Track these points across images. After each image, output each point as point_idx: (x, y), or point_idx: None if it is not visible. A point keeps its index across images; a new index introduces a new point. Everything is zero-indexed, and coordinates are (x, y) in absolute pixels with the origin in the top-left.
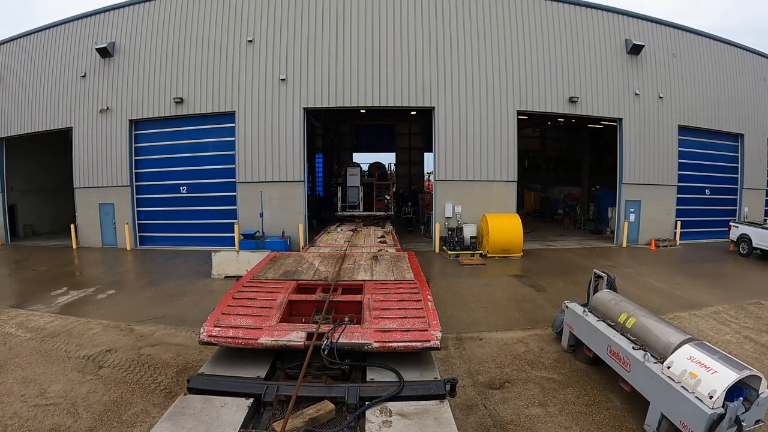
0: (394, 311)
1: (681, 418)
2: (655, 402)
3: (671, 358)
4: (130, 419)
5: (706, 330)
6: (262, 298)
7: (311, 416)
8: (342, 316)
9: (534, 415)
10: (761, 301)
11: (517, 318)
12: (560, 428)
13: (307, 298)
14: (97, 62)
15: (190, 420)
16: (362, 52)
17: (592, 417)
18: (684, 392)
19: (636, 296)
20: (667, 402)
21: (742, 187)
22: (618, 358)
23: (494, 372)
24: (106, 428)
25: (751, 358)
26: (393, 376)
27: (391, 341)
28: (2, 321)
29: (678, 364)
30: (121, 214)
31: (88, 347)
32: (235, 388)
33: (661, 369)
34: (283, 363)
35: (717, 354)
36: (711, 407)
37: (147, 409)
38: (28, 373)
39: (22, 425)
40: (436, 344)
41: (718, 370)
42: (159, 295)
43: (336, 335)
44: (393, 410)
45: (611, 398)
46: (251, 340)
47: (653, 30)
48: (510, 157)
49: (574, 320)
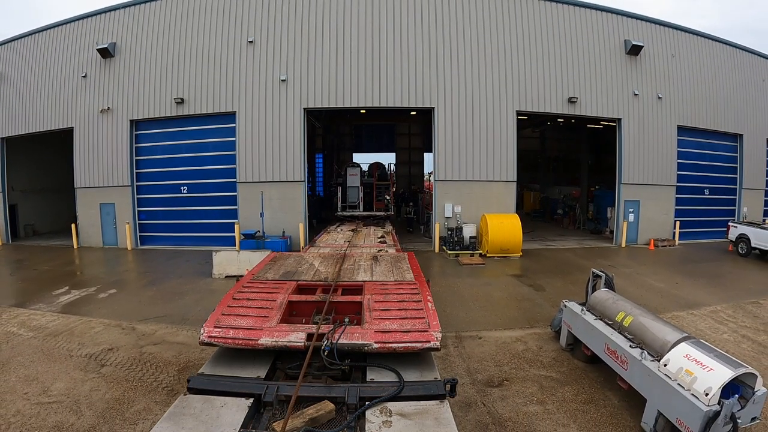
0: (394, 312)
1: (677, 415)
2: (652, 399)
3: (668, 356)
4: (133, 417)
5: (704, 329)
6: (262, 298)
7: (311, 416)
8: (342, 317)
9: (532, 413)
10: (759, 301)
11: (516, 317)
12: (558, 425)
13: (307, 298)
14: (98, 62)
15: (190, 420)
16: (362, 52)
17: (589, 415)
18: (680, 390)
19: (635, 296)
20: (664, 399)
21: (741, 187)
22: (615, 356)
23: (493, 370)
24: (109, 426)
25: (749, 357)
26: (393, 376)
27: (391, 342)
28: (4, 320)
29: (674, 361)
30: (122, 214)
31: (90, 346)
32: (235, 388)
33: (658, 367)
34: (283, 363)
35: (713, 352)
36: (707, 404)
37: (149, 406)
38: (30, 372)
39: (25, 423)
40: (437, 345)
41: (714, 368)
42: (160, 294)
43: (336, 336)
44: (393, 410)
45: (609, 396)
46: (251, 340)
47: (652, 30)
48: (509, 158)
49: (573, 319)
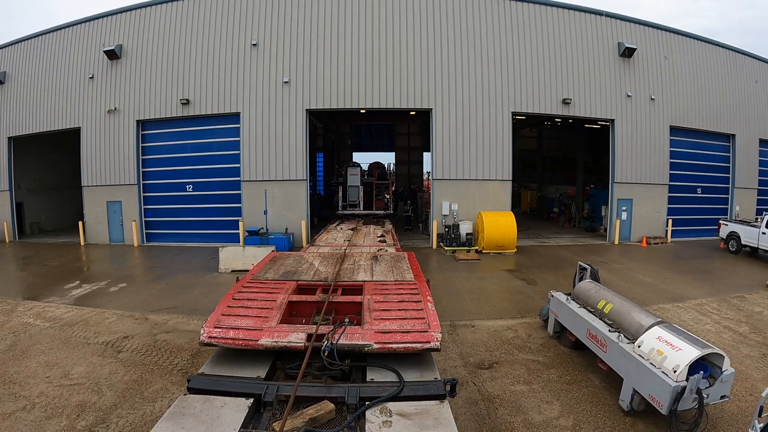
0: (394, 312)
1: (650, 391)
2: (628, 378)
3: (641, 338)
4: (151, 395)
5: (688, 320)
6: (263, 299)
7: (311, 416)
8: (342, 317)
9: (519, 391)
10: (744, 295)
11: (508, 308)
12: (542, 403)
13: (307, 299)
14: (105, 64)
15: (190, 420)
16: (362, 56)
17: (572, 394)
18: (652, 368)
19: (622, 289)
20: (638, 378)
21: (734, 186)
22: (596, 340)
23: (484, 354)
24: (129, 403)
25: (728, 346)
26: (393, 376)
27: (391, 342)
28: (20, 312)
29: (647, 343)
30: (129, 211)
31: (106, 334)
32: (235, 388)
33: (633, 348)
34: (283, 363)
35: (683, 335)
36: (675, 380)
37: (166, 386)
38: (50, 358)
39: (49, 403)
40: (437, 345)
41: (683, 348)
42: (169, 287)
43: (336, 336)
44: (393, 410)
45: (591, 378)
46: (251, 341)
47: (646, 33)
48: (505, 157)
49: (559, 308)
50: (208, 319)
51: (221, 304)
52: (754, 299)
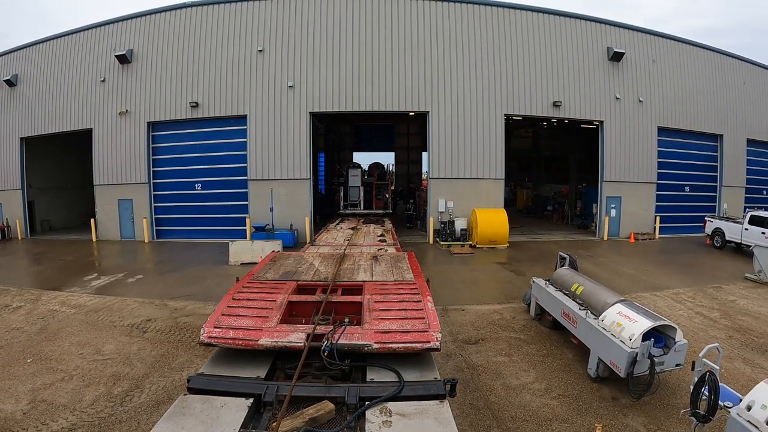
0: (394, 312)
1: (611, 358)
2: (593, 349)
3: (605, 313)
4: (179, 366)
5: (662, 307)
6: (262, 299)
7: (311, 416)
8: (342, 317)
9: (500, 362)
10: (722, 286)
11: (496, 295)
12: (520, 371)
13: (307, 299)
14: (116, 68)
15: (190, 420)
16: (363, 61)
17: (547, 364)
18: (612, 338)
19: (605, 280)
20: (602, 347)
21: (722, 184)
22: (569, 318)
23: (471, 333)
24: (159, 373)
25: (697, 329)
26: (393, 376)
27: (391, 342)
28: (45, 300)
29: (609, 317)
30: (140, 209)
31: (130, 318)
32: (235, 388)
33: (597, 322)
34: (283, 363)
35: (641, 310)
36: (630, 347)
37: (191, 359)
38: (81, 338)
39: (86, 374)
40: (437, 345)
41: (638, 320)
42: (183, 278)
43: (336, 336)
44: (393, 410)
45: (565, 352)
46: (251, 341)
47: (634, 38)
48: (498, 157)
49: (539, 292)
50: (208, 319)
51: (221, 304)
52: (730, 289)
